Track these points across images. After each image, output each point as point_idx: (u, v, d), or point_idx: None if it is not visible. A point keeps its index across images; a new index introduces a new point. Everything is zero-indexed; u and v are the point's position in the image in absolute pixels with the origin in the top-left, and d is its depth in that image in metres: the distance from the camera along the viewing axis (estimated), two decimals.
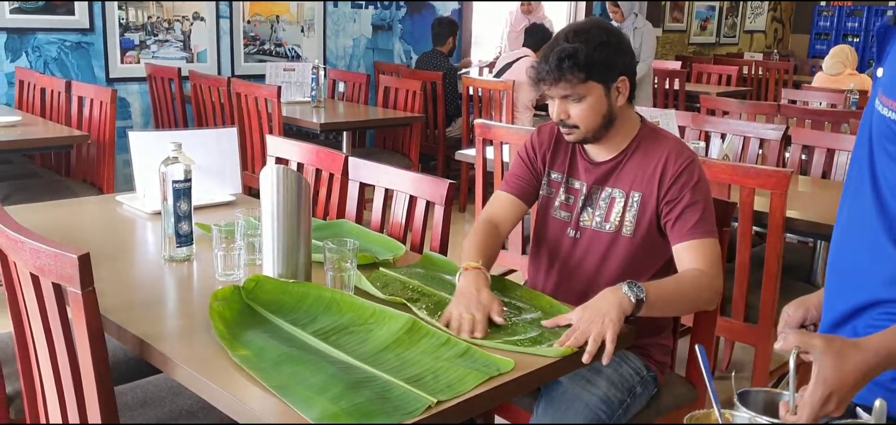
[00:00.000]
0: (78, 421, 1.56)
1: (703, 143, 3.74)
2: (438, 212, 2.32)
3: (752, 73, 8.50)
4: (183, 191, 2.05)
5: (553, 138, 2.20)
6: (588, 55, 1.96)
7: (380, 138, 5.80)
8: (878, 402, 1.34)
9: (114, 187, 3.98)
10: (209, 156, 2.62)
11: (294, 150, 2.81)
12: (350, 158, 2.62)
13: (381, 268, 2.05)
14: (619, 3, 6.29)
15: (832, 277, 1.58)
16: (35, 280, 1.54)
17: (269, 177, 1.85)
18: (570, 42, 1.97)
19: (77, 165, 4.21)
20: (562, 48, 1.97)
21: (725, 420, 1.36)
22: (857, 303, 1.50)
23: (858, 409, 1.40)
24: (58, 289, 1.51)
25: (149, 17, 5.44)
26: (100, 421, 1.51)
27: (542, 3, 7.22)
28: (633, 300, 1.76)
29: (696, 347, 1.48)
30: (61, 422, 1.62)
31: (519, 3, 7.10)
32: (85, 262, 1.43)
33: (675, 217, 1.99)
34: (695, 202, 1.99)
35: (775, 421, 1.37)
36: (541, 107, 6.16)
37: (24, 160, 4.48)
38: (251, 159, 4.65)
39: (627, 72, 2.03)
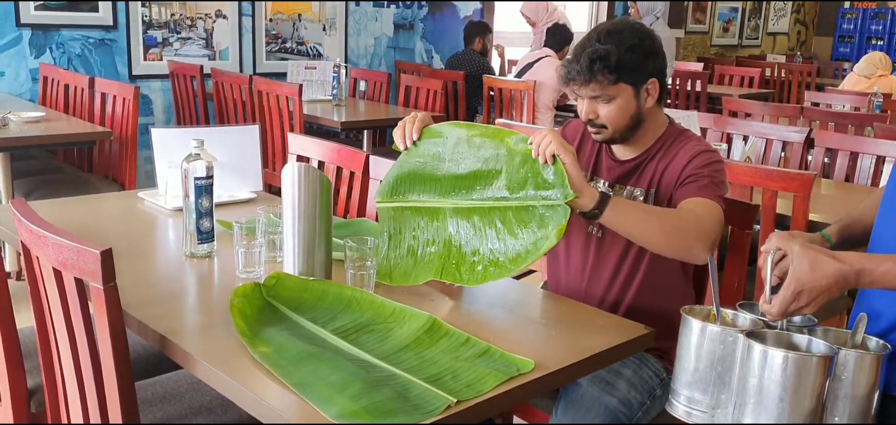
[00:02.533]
0: (98, 415, 1.57)
1: (725, 145, 3.72)
2: None
3: (775, 75, 8.43)
4: (204, 188, 2.06)
5: (579, 135, 2.20)
6: (620, 57, 1.95)
7: None
8: (860, 316, 1.44)
9: (136, 183, 4.01)
10: (231, 153, 2.63)
11: (315, 148, 2.82)
12: (371, 157, 2.62)
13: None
14: (637, 1, 6.25)
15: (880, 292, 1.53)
16: (57, 275, 1.55)
17: (290, 175, 1.85)
18: (603, 43, 1.96)
19: (99, 161, 4.24)
20: (594, 49, 1.96)
21: (715, 316, 1.52)
22: None
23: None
24: (80, 284, 1.52)
25: (172, 15, 5.47)
26: (120, 415, 1.52)
27: (557, 3, 7.18)
28: (597, 191, 1.81)
29: (709, 257, 1.57)
30: (82, 417, 1.63)
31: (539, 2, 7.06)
32: (107, 258, 1.43)
33: (682, 184, 1.97)
34: (706, 176, 1.96)
35: (756, 317, 1.51)
36: (562, 107, 6.14)
37: (47, 155, 4.52)
38: (272, 157, 4.66)
39: (658, 74, 2.03)
